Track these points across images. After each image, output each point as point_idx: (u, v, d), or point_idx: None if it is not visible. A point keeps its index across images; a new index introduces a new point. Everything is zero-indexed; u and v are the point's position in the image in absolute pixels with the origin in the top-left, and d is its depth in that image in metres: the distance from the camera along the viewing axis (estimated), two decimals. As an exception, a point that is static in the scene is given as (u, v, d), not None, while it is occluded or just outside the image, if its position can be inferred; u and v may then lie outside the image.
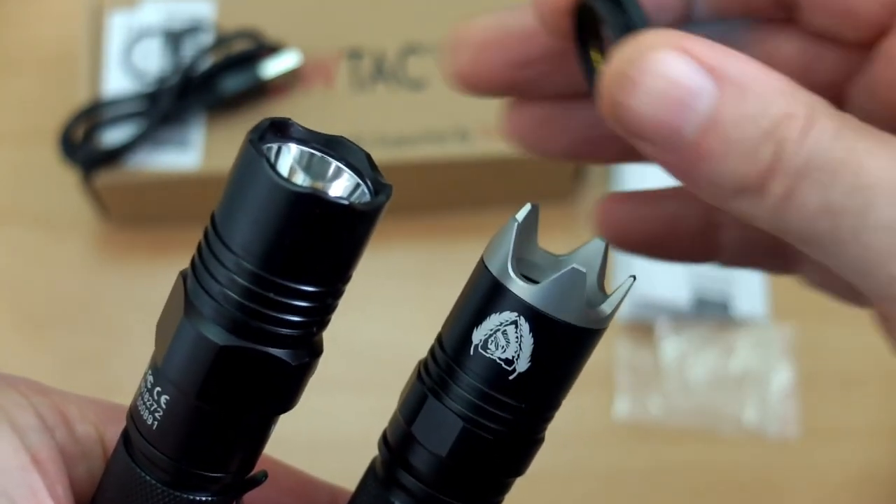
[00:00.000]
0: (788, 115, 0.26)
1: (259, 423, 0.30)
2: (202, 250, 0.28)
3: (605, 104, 0.28)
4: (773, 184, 0.26)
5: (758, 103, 0.26)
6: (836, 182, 0.26)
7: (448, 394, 0.30)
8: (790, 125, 0.26)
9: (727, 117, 0.26)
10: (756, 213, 0.27)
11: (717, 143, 0.26)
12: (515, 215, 0.30)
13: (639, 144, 0.28)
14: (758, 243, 0.38)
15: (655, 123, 0.27)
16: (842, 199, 0.26)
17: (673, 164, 0.27)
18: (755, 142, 0.26)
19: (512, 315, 0.29)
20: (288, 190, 0.26)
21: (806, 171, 0.26)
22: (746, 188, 0.27)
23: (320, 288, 0.28)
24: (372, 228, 0.28)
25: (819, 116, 0.26)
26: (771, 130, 0.26)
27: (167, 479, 0.30)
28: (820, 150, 0.26)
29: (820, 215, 0.26)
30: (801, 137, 0.26)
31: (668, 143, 0.27)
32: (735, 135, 0.26)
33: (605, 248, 0.30)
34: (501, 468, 0.31)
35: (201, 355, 0.28)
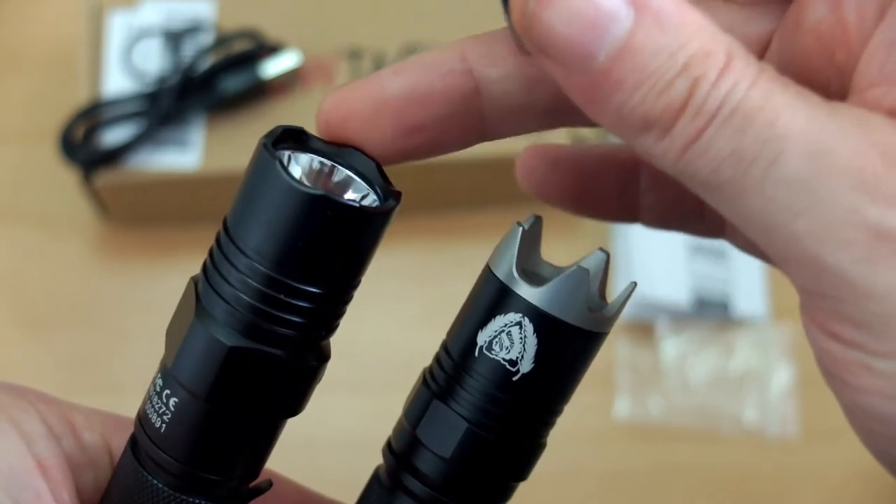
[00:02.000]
0: (707, 53, 0.25)
1: (266, 427, 0.30)
2: (213, 253, 0.28)
3: (516, 14, 0.26)
4: (683, 123, 0.25)
5: (676, 36, 0.25)
6: (749, 128, 0.25)
7: (453, 396, 0.30)
8: (708, 64, 0.25)
9: (642, 46, 0.25)
10: (660, 153, 0.26)
11: (629, 71, 0.25)
12: (520, 222, 0.30)
13: (547, 65, 0.26)
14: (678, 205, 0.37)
15: (567, 42, 0.25)
16: (752, 147, 0.25)
17: (580, 90, 0.26)
18: (669, 76, 0.25)
19: (516, 316, 0.29)
20: (301, 192, 0.26)
21: (719, 113, 0.25)
22: (654, 124, 0.26)
23: (330, 291, 0.28)
24: (381, 233, 0.28)
25: (738, 61, 0.25)
26: (687, 66, 0.25)
27: (174, 482, 0.30)
28: (736, 94, 0.25)
29: (727, 161, 0.25)
30: (718, 78, 0.25)
31: (577, 65, 0.26)
32: (649, 66, 0.25)
33: (606, 259, 0.31)
34: (505, 472, 0.31)
35: (211, 357, 0.28)
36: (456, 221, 0.71)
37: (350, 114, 0.30)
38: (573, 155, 0.37)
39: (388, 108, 0.31)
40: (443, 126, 0.31)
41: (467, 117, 0.31)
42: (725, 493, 0.66)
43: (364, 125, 0.30)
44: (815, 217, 0.25)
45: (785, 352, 0.68)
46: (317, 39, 0.70)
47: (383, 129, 0.31)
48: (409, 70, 0.31)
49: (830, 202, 0.25)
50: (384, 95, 0.31)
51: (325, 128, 0.31)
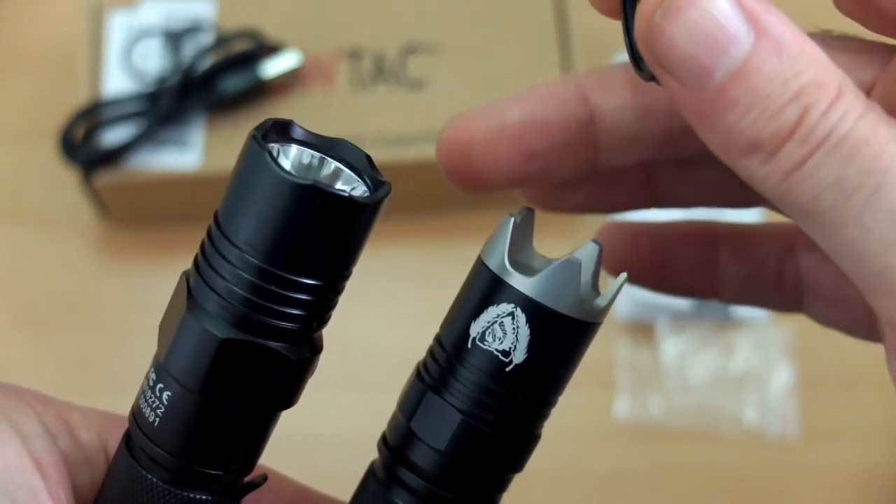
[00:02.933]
0: (820, 83, 0.26)
1: (260, 420, 0.30)
2: (205, 246, 0.29)
3: (642, 25, 0.27)
4: (790, 147, 0.26)
5: (792, 64, 0.26)
6: (854, 159, 0.25)
7: (447, 388, 0.30)
8: (820, 93, 0.26)
9: (759, 70, 0.26)
10: (764, 176, 0.27)
11: (744, 93, 0.26)
12: (512, 213, 0.31)
13: (664, 78, 0.27)
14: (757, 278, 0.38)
15: (687, 57, 0.26)
16: (855, 177, 0.25)
17: (693, 107, 0.27)
18: (782, 101, 0.26)
19: (509, 307, 0.30)
20: (290, 182, 0.27)
21: (827, 142, 0.26)
22: (761, 147, 0.26)
23: (321, 282, 0.28)
24: (372, 223, 0.28)
25: (848, 94, 0.26)
26: (800, 94, 0.26)
27: (168, 477, 0.30)
28: (845, 125, 0.26)
29: (830, 189, 0.26)
30: (828, 108, 0.26)
31: (694, 82, 0.26)
32: (763, 89, 0.26)
33: (599, 250, 0.31)
34: (500, 463, 0.31)
35: (203, 349, 0.28)
36: (456, 221, 0.71)
37: (471, 139, 0.32)
38: (653, 230, 0.38)
39: (507, 136, 0.32)
40: (559, 154, 0.33)
41: (582, 146, 0.32)
42: (725, 493, 0.66)
43: (484, 150, 0.32)
44: None
45: (785, 352, 0.68)
46: (317, 39, 0.70)
47: (502, 155, 0.32)
48: (527, 99, 0.32)
49: None
50: (504, 123, 0.32)
51: (447, 153, 0.32)
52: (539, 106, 0.33)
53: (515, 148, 0.32)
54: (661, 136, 0.33)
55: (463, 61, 0.70)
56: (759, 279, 0.38)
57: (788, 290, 0.38)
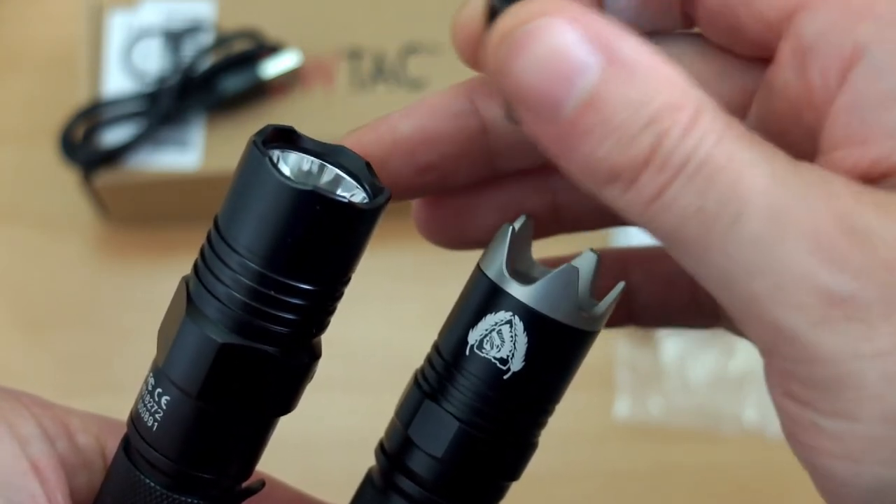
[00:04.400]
0: (674, 106, 0.25)
1: (258, 425, 0.30)
2: (204, 251, 0.29)
3: (489, 63, 0.27)
4: (647, 176, 0.25)
5: (644, 89, 0.25)
6: (712, 187, 0.25)
7: (444, 396, 0.30)
8: (674, 118, 0.25)
9: (609, 98, 0.25)
10: (626, 206, 0.26)
11: (595, 123, 0.25)
12: (510, 223, 0.31)
13: (518, 111, 0.26)
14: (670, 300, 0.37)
15: (535, 92, 0.26)
16: (715, 206, 0.25)
17: (548, 139, 0.26)
18: (634, 129, 0.25)
19: (507, 314, 0.30)
20: (290, 187, 0.27)
21: (684, 170, 0.25)
22: (619, 177, 0.26)
23: (320, 287, 0.28)
24: (371, 229, 0.28)
25: (705, 116, 0.25)
26: (652, 120, 0.25)
27: (166, 481, 0.30)
28: (701, 150, 0.25)
29: (691, 217, 0.25)
30: (683, 134, 0.25)
31: (545, 115, 0.26)
32: (614, 118, 0.25)
33: (596, 259, 0.31)
34: (497, 471, 0.31)
35: (202, 354, 0.28)
36: (456, 221, 0.70)
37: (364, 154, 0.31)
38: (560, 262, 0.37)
39: (399, 150, 0.32)
40: (453, 164, 0.32)
41: (476, 155, 0.32)
42: (725, 493, 0.66)
43: (378, 165, 0.31)
44: (772, 279, 0.25)
45: (785, 352, 0.68)
46: (317, 39, 0.70)
47: (396, 169, 0.32)
48: (418, 112, 0.32)
49: (787, 265, 0.25)
50: (395, 137, 0.32)
51: None
52: (430, 118, 0.32)
53: (408, 161, 0.32)
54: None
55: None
56: (674, 300, 0.37)
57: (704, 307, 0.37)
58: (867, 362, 0.25)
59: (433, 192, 0.34)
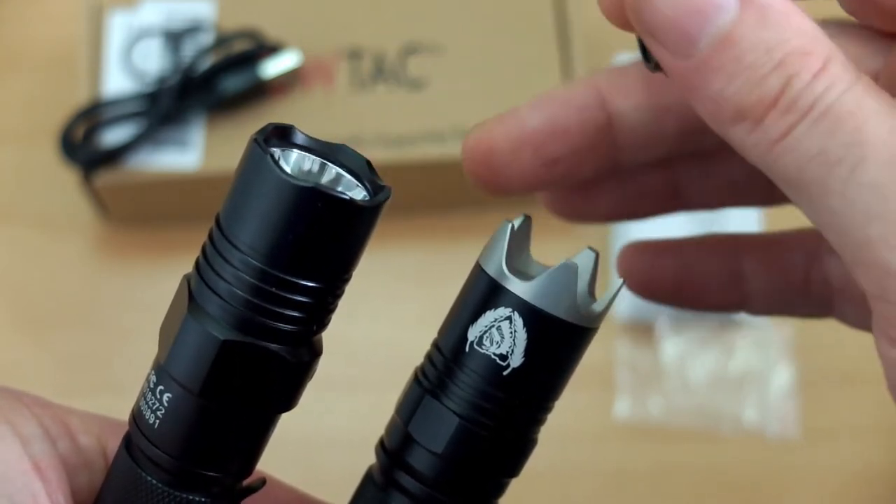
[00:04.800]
0: (805, 52, 0.26)
1: (260, 422, 0.30)
2: (206, 249, 0.29)
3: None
4: (773, 117, 0.26)
5: (776, 33, 0.26)
6: (837, 131, 0.26)
7: (444, 392, 0.31)
8: (804, 63, 0.26)
9: (743, 38, 0.26)
10: (750, 145, 0.27)
11: (728, 61, 0.26)
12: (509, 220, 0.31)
13: (651, 44, 0.27)
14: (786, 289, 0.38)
15: (672, 26, 0.26)
16: (838, 150, 0.26)
17: (680, 73, 0.27)
18: (764, 70, 0.26)
19: (506, 311, 0.30)
20: (292, 184, 0.27)
21: (811, 113, 0.26)
22: (746, 115, 0.26)
23: (321, 284, 0.28)
24: (372, 226, 0.28)
25: (835, 64, 0.26)
26: (783, 63, 0.26)
27: (167, 478, 0.30)
28: (829, 96, 0.26)
29: (813, 160, 0.26)
30: (812, 79, 0.26)
31: (679, 50, 0.27)
32: (747, 58, 0.26)
33: (595, 257, 0.31)
34: (497, 467, 0.31)
35: (204, 351, 0.28)
36: (456, 221, 0.71)
37: (492, 147, 0.32)
38: (674, 247, 0.38)
39: (528, 142, 0.33)
40: (579, 157, 0.33)
41: (602, 148, 0.33)
42: (725, 493, 0.66)
43: (506, 158, 0.32)
44: (888, 223, 0.26)
45: (785, 352, 0.68)
46: (317, 39, 0.70)
47: (524, 161, 0.33)
48: (546, 105, 0.33)
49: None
50: (524, 130, 0.33)
51: (471, 160, 0.33)
52: (558, 112, 0.33)
53: (536, 154, 0.32)
54: (678, 133, 0.33)
55: (463, 61, 0.70)
56: (787, 288, 0.38)
57: (817, 296, 0.38)
58: None
59: (559, 185, 0.34)
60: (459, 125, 0.68)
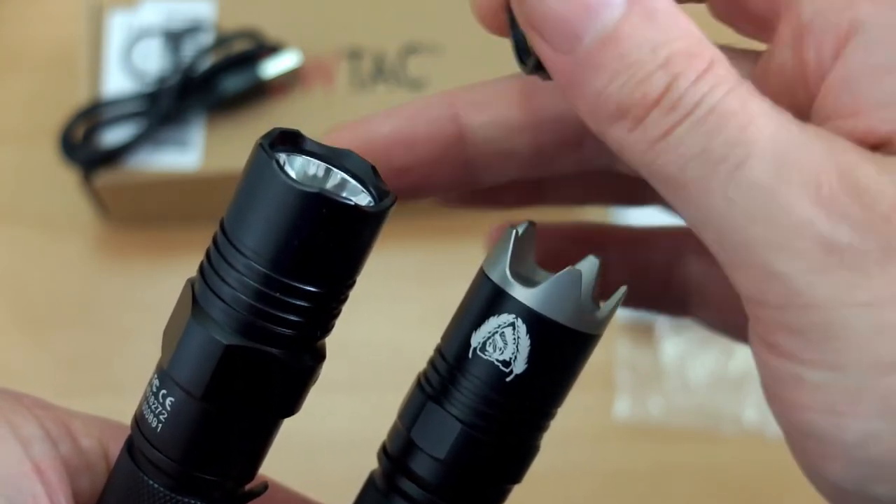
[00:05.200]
0: (690, 53, 0.26)
1: (262, 427, 0.30)
2: (210, 253, 0.29)
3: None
4: (656, 115, 0.26)
5: (662, 33, 0.26)
6: (721, 130, 0.25)
7: (447, 398, 0.31)
8: (689, 63, 0.26)
9: (629, 36, 0.26)
10: (629, 144, 0.27)
11: (612, 58, 0.26)
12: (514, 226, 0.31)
13: (534, 39, 0.27)
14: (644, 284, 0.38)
15: (557, 20, 0.26)
16: (721, 149, 0.25)
17: (563, 71, 0.27)
18: (650, 68, 0.26)
19: (510, 317, 0.30)
20: (297, 190, 0.27)
21: (694, 112, 0.26)
22: (627, 114, 0.26)
23: (325, 289, 0.28)
24: (376, 232, 0.28)
25: (719, 66, 0.26)
26: (669, 62, 0.26)
27: (170, 483, 0.30)
28: (714, 96, 0.26)
29: (696, 160, 0.26)
30: (697, 79, 0.26)
31: (563, 45, 0.26)
32: (632, 55, 0.26)
33: (598, 264, 0.31)
34: (499, 473, 0.31)
35: (207, 355, 0.28)
36: (457, 221, 0.70)
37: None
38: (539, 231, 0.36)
39: (374, 150, 0.32)
40: (429, 169, 0.33)
41: (452, 162, 0.33)
42: (725, 493, 0.66)
43: None
44: (771, 224, 0.25)
45: (785, 352, 0.68)
46: (317, 39, 0.70)
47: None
48: (398, 114, 0.33)
49: (787, 212, 0.25)
50: (371, 137, 0.33)
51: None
52: (407, 122, 0.33)
53: (383, 162, 0.32)
54: (530, 153, 0.33)
55: (463, 61, 0.70)
56: (646, 283, 0.38)
57: (675, 295, 0.38)
58: (858, 310, 0.25)
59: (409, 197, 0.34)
60: (459, 125, 0.68)
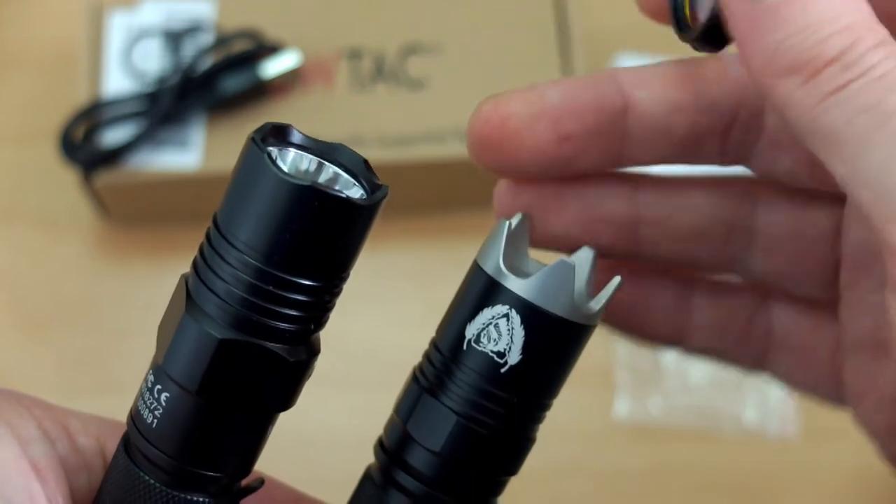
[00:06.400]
0: (869, 27, 0.27)
1: (257, 422, 0.30)
2: (203, 248, 0.29)
3: None
4: (833, 71, 0.27)
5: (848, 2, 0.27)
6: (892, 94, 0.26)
7: (442, 390, 0.31)
8: (868, 32, 0.27)
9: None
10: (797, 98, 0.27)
11: (796, 14, 0.27)
12: (507, 218, 0.31)
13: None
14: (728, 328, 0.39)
15: None
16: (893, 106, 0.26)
17: (743, 19, 0.28)
18: (832, 29, 0.27)
19: (504, 308, 0.30)
20: (288, 183, 0.27)
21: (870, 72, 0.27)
22: (801, 69, 0.27)
23: (319, 283, 0.28)
24: (369, 225, 0.28)
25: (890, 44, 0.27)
26: (850, 27, 0.27)
27: (166, 479, 0.30)
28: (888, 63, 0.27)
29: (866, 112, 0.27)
30: (875, 46, 0.27)
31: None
32: (815, 14, 0.27)
33: (593, 255, 0.31)
34: (496, 465, 0.31)
35: (202, 350, 0.28)
36: (456, 221, 0.71)
37: (510, 115, 0.33)
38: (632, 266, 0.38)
39: (546, 115, 0.33)
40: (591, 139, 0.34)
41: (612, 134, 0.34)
42: (725, 493, 0.66)
43: (523, 126, 0.33)
44: None
45: (785, 352, 0.68)
46: (317, 39, 0.70)
47: (539, 133, 0.33)
48: (566, 84, 0.34)
49: None
50: (543, 103, 0.33)
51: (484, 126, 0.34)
52: (577, 91, 0.34)
53: (552, 128, 0.33)
54: (684, 134, 0.34)
55: (463, 61, 0.70)
56: (729, 329, 0.39)
57: (756, 342, 0.39)
58: None
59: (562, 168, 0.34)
60: (459, 125, 0.68)
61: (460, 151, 0.67)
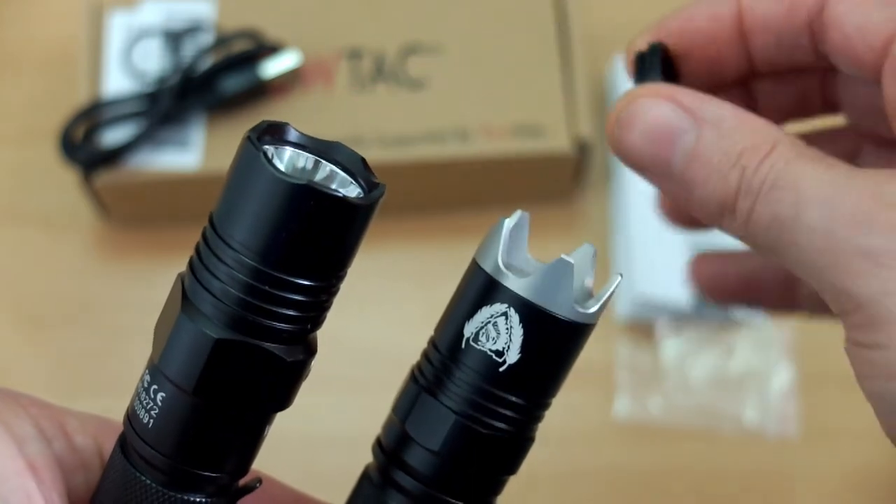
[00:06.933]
0: (753, 146, 0.32)
1: (254, 421, 0.30)
2: (199, 248, 0.29)
3: (610, 142, 0.34)
4: (740, 202, 0.32)
5: (728, 138, 0.32)
6: (781, 197, 0.31)
7: (441, 389, 0.31)
8: (752, 155, 0.32)
9: (705, 150, 0.33)
10: (735, 231, 0.33)
11: (700, 171, 0.33)
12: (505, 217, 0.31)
13: (641, 175, 0.34)
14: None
15: (649, 156, 0.33)
16: (786, 211, 0.31)
17: (670, 191, 0.34)
18: (726, 168, 0.32)
19: (502, 307, 0.30)
20: (285, 181, 0.27)
21: (761, 189, 0.32)
22: (725, 208, 0.32)
23: (315, 282, 0.28)
24: (366, 224, 0.28)
25: (779, 148, 0.32)
26: (738, 158, 0.32)
27: (163, 479, 0.30)
28: (772, 173, 0.31)
29: (771, 224, 0.31)
30: (759, 164, 0.32)
31: (661, 173, 0.34)
32: (711, 164, 0.33)
33: (593, 253, 0.31)
34: (494, 465, 0.31)
35: (198, 349, 0.28)
36: (456, 221, 0.71)
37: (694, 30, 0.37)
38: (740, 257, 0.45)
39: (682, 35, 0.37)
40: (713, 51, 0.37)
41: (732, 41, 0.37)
42: (725, 493, 0.66)
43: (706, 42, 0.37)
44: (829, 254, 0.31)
45: (785, 352, 0.68)
46: (317, 39, 0.70)
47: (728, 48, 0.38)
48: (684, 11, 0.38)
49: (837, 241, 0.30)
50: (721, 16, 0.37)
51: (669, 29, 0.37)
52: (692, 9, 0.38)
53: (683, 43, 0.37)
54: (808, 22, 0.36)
55: (463, 61, 0.70)
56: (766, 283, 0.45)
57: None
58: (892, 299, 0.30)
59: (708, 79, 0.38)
60: (459, 125, 0.68)
61: (460, 151, 0.67)
